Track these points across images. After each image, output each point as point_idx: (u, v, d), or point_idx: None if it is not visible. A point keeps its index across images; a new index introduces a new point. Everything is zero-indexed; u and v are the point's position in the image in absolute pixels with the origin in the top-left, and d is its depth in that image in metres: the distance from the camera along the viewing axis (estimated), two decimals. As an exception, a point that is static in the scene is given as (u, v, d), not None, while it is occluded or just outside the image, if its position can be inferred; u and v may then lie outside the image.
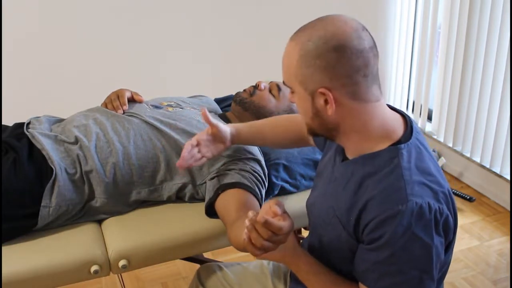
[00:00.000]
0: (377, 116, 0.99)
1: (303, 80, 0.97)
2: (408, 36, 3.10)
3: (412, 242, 0.93)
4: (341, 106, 0.97)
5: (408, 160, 0.98)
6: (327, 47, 0.93)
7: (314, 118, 1.01)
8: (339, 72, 0.94)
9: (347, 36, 0.93)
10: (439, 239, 0.96)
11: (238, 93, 1.72)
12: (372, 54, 0.96)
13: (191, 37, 2.84)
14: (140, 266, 1.40)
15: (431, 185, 0.96)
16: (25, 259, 1.31)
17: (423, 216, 0.93)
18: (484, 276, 2.10)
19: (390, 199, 0.94)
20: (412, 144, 1.00)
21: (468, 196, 2.58)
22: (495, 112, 2.52)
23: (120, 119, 1.54)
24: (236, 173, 1.42)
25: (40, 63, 2.62)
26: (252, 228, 0.93)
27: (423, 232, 0.93)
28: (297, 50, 0.96)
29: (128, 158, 1.47)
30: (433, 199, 0.95)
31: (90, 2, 2.59)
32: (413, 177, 0.96)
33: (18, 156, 1.40)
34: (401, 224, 0.92)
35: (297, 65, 0.97)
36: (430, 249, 0.94)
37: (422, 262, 0.95)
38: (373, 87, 0.98)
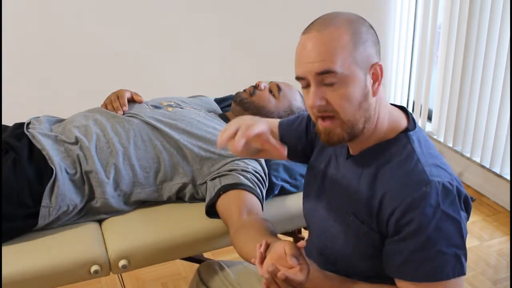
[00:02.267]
0: (385, 105, 1.02)
1: (360, 59, 0.95)
2: (408, 36, 3.10)
3: (443, 220, 0.93)
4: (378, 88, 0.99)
5: (420, 146, 1.00)
6: (367, 25, 0.99)
7: (362, 103, 0.96)
8: (378, 47, 1.00)
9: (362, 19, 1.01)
10: (464, 214, 0.97)
11: (238, 93, 1.72)
12: None
13: (191, 37, 2.84)
14: (140, 266, 1.40)
15: (444, 167, 0.99)
16: (25, 259, 1.31)
17: (448, 193, 0.94)
18: (484, 276, 2.10)
19: (411, 183, 0.95)
20: (418, 131, 1.03)
21: (468, 196, 2.58)
22: (495, 112, 2.52)
23: (120, 119, 1.54)
24: (237, 174, 1.42)
25: (40, 63, 2.62)
26: (272, 281, 0.92)
27: (451, 208, 0.94)
28: (345, 31, 0.95)
29: (128, 158, 1.47)
30: (450, 179, 0.96)
31: (90, 2, 2.59)
32: (428, 160, 0.98)
33: (18, 156, 1.40)
34: (429, 205, 0.92)
35: (352, 45, 0.94)
36: (460, 225, 0.95)
37: (456, 239, 0.95)
38: None
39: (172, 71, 2.86)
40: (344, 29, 0.95)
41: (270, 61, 2.90)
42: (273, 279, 0.92)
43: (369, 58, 0.96)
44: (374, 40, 0.99)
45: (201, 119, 1.58)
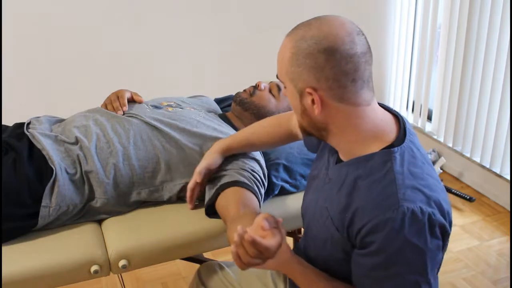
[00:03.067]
0: (368, 119, 0.99)
1: (293, 78, 0.98)
2: (408, 36, 3.10)
3: (405, 247, 0.92)
4: (328, 108, 0.97)
5: (401, 164, 0.97)
6: (318, 48, 0.93)
7: (303, 115, 1.02)
8: (326, 75, 0.94)
9: (339, 39, 0.93)
10: (436, 241, 0.95)
11: (238, 93, 1.72)
12: (363, 60, 0.95)
13: (191, 37, 2.84)
14: (140, 266, 1.40)
15: (424, 190, 0.95)
16: (25, 259, 1.31)
17: (416, 221, 0.92)
18: (484, 276, 2.10)
19: (382, 204, 0.94)
20: (405, 147, 0.99)
21: (468, 196, 2.58)
22: (495, 112, 2.52)
23: (120, 119, 1.54)
24: (235, 172, 1.42)
25: (40, 63, 2.62)
26: (240, 244, 0.92)
27: (416, 237, 0.92)
28: (289, 47, 0.97)
29: (128, 158, 1.47)
30: (425, 204, 0.94)
31: (90, 2, 2.59)
32: (405, 182, 0.95)
33: (18, 156, 1.40)
34: (393, 229, 0.92)
35: (289, 62, 0.97)
36: (424, 254, 0.94)
37: (416, 266, 0.94)
38: (363, 92, 0.97)
39: (172, 71, 2.86)
40: (291, 45, 0.97)
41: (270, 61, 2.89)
42: (241, 243, 0.91)
43: (303, 81, 0.96)
44: (318, 65, 0.94)
45: (201, 119, 1.58)
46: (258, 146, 1.48)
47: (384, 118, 1.02)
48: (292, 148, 1.63)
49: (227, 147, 1.45)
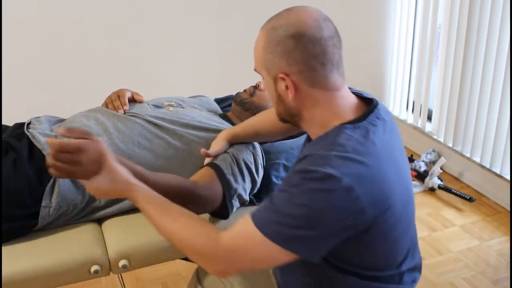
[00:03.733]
0: (335, 104, 1.04)
1: (267, 66, 1.04)
2: (408, 36, 3.10)
3: (306, 196, 0.93)
4: (301, 93, 1.02)
5: (348, 138, 0.98)
6: (286, 34, 0.99)
7: (278, 103, 1.07)
8: (296, 58, 0.99)
9: (305, 25, 0.99)
10: (336, 214, 0.93)
11: (238, 93, 1.72)
12: (331, 43, 1.00)
13: (192, 37, 2.84)
14: (140, 266, 1.40)
15: (357, 166, 0.95)
16: (25, 259, 1.31)
17: (323, 183, 0.92)
18: (484, 276, 2.10)
19: (311, 161, 0.96)
20: (360, 126, 1.01)
21: (468, 196, 2.58)
22: (495, 112, 2.52)
23: (122, 119, 1.54)
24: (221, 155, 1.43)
25: (40, 63, 2.62)
26: (53, 153, 1.04)
27: (320, 195, 0.92)
28: (262, 38, 1.04)
29: (132, 157, 1.46)
30: (350, 177, 0.93)
31: (90, 2, 2.59)
32: (342, 154, 0.96)
33: (18, 156, 1.40)
34: (306, 178, 0.94)
35: (262, 51, 1.04)
36: (305, 213, 0.93)
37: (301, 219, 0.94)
38: (332, 76, 1.01)
39: (173, 71, 2.86)
40: (264, 35, 1.04)
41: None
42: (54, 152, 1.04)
43: (275, 68, 1.02)
44: (288, 50, 0.99)
45: (201, 119, 1.58)
46: (264, 135, 1.49)
47: (351, 103, 1.06)
48: (292, 148, 1.63)
49: (234, 134, 1.48)
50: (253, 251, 0.98)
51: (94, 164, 1.07)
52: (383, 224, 1.00)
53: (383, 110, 1.09)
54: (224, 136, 1.48)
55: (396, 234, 1.05)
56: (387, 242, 1.04)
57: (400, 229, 1.05)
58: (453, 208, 2.58)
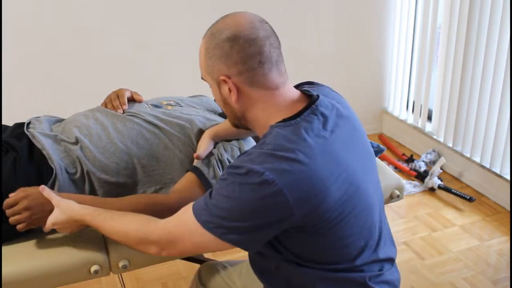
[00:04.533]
0: (275, 103, 1.06)
1: (209, 71, 1.08)
2: (408, 36, 3.10)
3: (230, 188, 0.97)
4: (243, 94, 1.05)
5: (276, 136, 1.00)
6: (222, 38, 1.04)
7: (225, 106, 1.11)
8: (234, 60, 1.03)
9: (240, 27, 1.03)
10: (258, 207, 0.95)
11: (238, 93, 1.72)
12: (267, 43, 1.03)
13: (191, 36, 2.84)
14: (140, 266, 1.40)
15: (282, 162, 0.95)
16: (25, 259, 1.31)
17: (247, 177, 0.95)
18: (484, 276, 2.10)
19: (239, 158, 1.00)
20: (292, 123, 1.02)
21: (468, 196, 2.58)
22: (495, 112, 2.52)
23: (121, 118, 1.54)
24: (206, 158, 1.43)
25: (40, 63, 2.62)
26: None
27: (240, 187, 0.95)
28: (203, 45, 1.08)
29: (132, 157, 1.46)
30: (273, 172, 0.94)
31: (91, 2, 2.59)
32: (268, 151, 0.98)
33: (18, 156, 1.40)
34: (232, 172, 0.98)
35: (204, 58, 1.08)
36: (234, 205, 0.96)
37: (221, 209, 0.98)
38: (272, 74, 1.04)
39: (172, 70, 2.86)
40: (204, 42, 1.08)
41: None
42: None
43: (217, 72, 1.06)
44: (226, 53, 1.03)
45: (201, 118, 1.58)
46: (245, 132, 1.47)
47: (291, 101, 1.07)
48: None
49: (216, 131, 1.48)
50: (191, 236, 1.02)
51: (44, 205, 1.22)
52: (318, 220, 0.99)
53: (325, 104, 1.07)
54: (208, 135, 1.48)
55: (342, 230, 1.03)
56: (330, 237, 1.03)
57: (348, 225, 1.03)
58: (453, 208, 2.58)
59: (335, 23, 3.05)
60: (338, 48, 3.10)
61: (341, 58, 3.15)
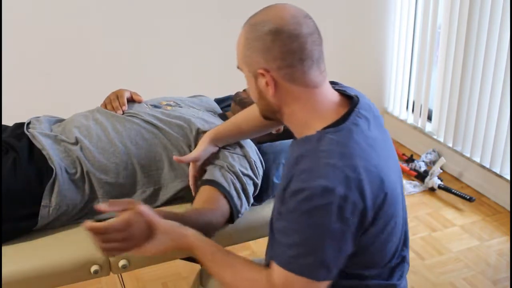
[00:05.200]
0: (315, 102, 1.04)
1: (247, 62, 1.05)
2: (408, 36, 3.10)
3: (307, 219, 0.94)
4: (281, 89, 1.02)
5: (331, 143, 0.99)
6: (264, 30, 1.00)
7: (260, 99, 1.08)
8: (274, 54, 1.00)
9: (283, 20, 0.99)
10: (340, 225, 0.95)
11: (238, 93, 1.72)
12: (310, 40, 1.00)
13: (192, 37, 2.84)
14: (140, 266, 1.40)
15: (345, 170, 0.96)
16: (25, 259, 1.31)
17: (324, 198, 0.93)
18: (484, 276, 2.10)
19: (300, 177, 0.97)
20: (343, 128, 1.01)
21: (468, 196, 2.58)
22: (495, 112, 2.52)
23: (120, 119, 1.54)
24: (217, 170, 1.42)
25: (40, 63, 2.62)
26: (90, 235, 1.02)
27: (320, 213, 0.94)
28: (243, 34, 1.05)
29: (131, 158, 1.47)
30: (342, 184, 0.94)
31: (90, 2, 2.59)
32: (328, 160, 0.97)
33: (18, 156, 1.40)
34: (302, 201, 0.94)
35: (243, 48, 1.04)
36: (325, 232, 0.95)
37: (313, 242, 0.96)
38: (312, 72, 1.02)
39: (172, 70, 2.86)
40: (244, 32, 1.05)
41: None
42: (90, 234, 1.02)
43: (255, 64, 1.03)
44: (266, 46, 1.00)
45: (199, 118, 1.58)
46: (248, 132, 1.48)
47: (332, 101, 1.06)
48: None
49: (215, 134, 1.46)
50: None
51: (145, 232, 1.05)
52: (380, 220, 1.01)
53: (364, 106, 1.08)
54: (207, 137, 1.45)
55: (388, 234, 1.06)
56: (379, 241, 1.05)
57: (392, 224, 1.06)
58: (453, 208, 2.58)
59: (335, 23, 3.05)
60: (338, 48, 3.09)
61: (341, 58, 3.15)
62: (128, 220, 1.02)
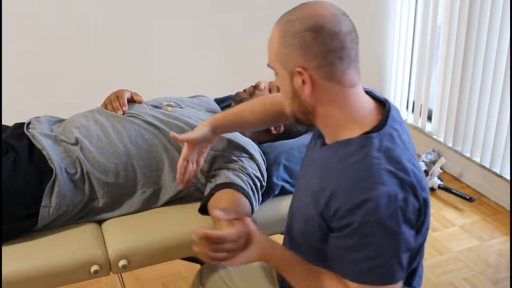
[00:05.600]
0: (350, 102, 1.02)
1: (282, 60, 1.01)
2: (408, 36, 3.10)
3: (379, 229, 0.95)
4: (317, 88, 1.00)
5: (379, 149, 0.99)
6: (303, 27, 0.97)
7: (293, 99, 1.04)
8: (314, 52, 0.97)
9: (323, 18, 0.97)
10: (407, 227, 0.97)
11: (238, 93, 1.72)
12: (349, 38, 0.98)
13: (192, 37, 2.84)
14: (140, 266, 1.40)
15: (399, 174, 0.97)
16: (25, 259, 1.32)
17: (390, 205, 0.94)
18: (484, 276, 2.10)
19: (358, 187, 0.96)
20: (385, 133, 1.01)
21: (468, 196, 2.58)
22: (495, 112, 2.52)
23: (121, 119, 1.54)
24: (232, 173, 1.42)
25: (40, 62, 2.62)
26: (199, 242, 0.98)
27: (390, 220, 0.94)
28: (277, 32, 1.01)
29: (131, 158, 1.47)
30: (399, 188, 0.96)
31: (91, 2, 2.59)
32: (382, 166, 0.97)
33: (18, 156, 1.40)
34: (368, 212, 0.94)
35: (278, 45, 1.00)
36: (398, 237, 0.96)
37: (390, 248, 0.96)
38: (350, 72, 1.00)
39: (172, 71, 2.86)
40: (278, 29, 1.01)
41: (270, 61, 2.89)
42: (200, 241, 0.99)
43: (292, 62, 0.99)
44: (306, 44, 0.97)
45: (200, 119, 1.58)
46: (249, 123, 1.45)
47: (367, 103, 1.05)
48: (292, 148, 1.63)
49: (217, 120, 1.42)
50: None
51: (245, 243, 1.05)
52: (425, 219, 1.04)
53: (394, 109, 1.09)
54: (207, 122, 1.42)
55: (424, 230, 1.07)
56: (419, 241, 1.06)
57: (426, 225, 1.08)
58: (453, 208, 2.58)
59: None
60: (338, 48, 3.10)
61: (341, 58, 3.15)
62: (241, 232, 1.02)
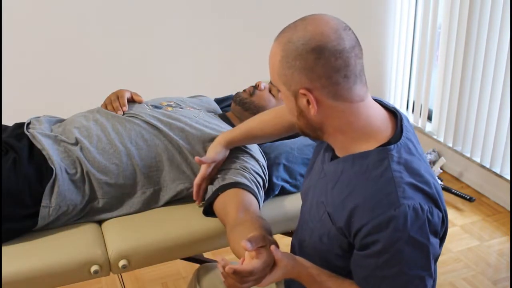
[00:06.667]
0: (362, 116, 0.99)
1: (285, 81, 0.98)
2: (408, 36, 3.10)
3: (409, 244, 0.94)
4: (324, 107, 0.97)
5: (398, 162, 0.97)
6: (306, 48, 0.94)
7: (299, 117, 1.02)
8: (318, 73, 0.94)
9: (325, 37, 0.93)
10: (434, 237, 0.97)
11: (238, 93, 1.72)
12: (353, 54, 0.95)
13: (191, 37, 2.84)
14: (140, 266, 1.40)
15: (421, 186, 0.96)
16: (25, 259, 1.31)
17: (417, 218, 0.93)
18: (484, 276, 2.10)
19: (381, 204, 0.94)
20: (402, 144, 1.00)
21: (468, 196, 2.58)
22: (495, 112, 2.52)
23: (121, 120, 1.54)
24: (236, 172, 1.43)
25: (40, 63, 2.62)
26: (226, 275, 0.95)
27: (419, 233, 0.94)
28: (279, 51, 0.98)
29: (131, 158, 1.47)
30: (423, 199, 0.95)
31: (91, 2, 2.59)
32: (404, 179, 0.96)
33: (18, 156, 1.40)
34: (396, 227, 0.92)
35: (279, 65, 0.98)
36: (427, 249, 0.95)
37: (421, 261, 0.96)
38: (356, 87, 0.97)
39: (172, 71, 2.86)
40: (280, 49, 0.97)
41: (270, 61, 2.89)
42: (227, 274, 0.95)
43: (296, 83, 0.97)
44: (308, 65, 0.94)
45: (200, 119, 1.58)
46: (261, 137, 1.48)
47: (379, 114, 1.02)
48: (292, 148, 1.63)
49: (230, 139, 1.46)
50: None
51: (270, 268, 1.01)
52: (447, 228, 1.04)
53: (406, 119, 1.07)
54: (221, 140, 1.45)
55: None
56: None
57: None
58: (453, 208, 2.58)
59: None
60: (338, 48, 3.10)
61: (341, 58, 3.15)
62: (267, 261, 0.97)
